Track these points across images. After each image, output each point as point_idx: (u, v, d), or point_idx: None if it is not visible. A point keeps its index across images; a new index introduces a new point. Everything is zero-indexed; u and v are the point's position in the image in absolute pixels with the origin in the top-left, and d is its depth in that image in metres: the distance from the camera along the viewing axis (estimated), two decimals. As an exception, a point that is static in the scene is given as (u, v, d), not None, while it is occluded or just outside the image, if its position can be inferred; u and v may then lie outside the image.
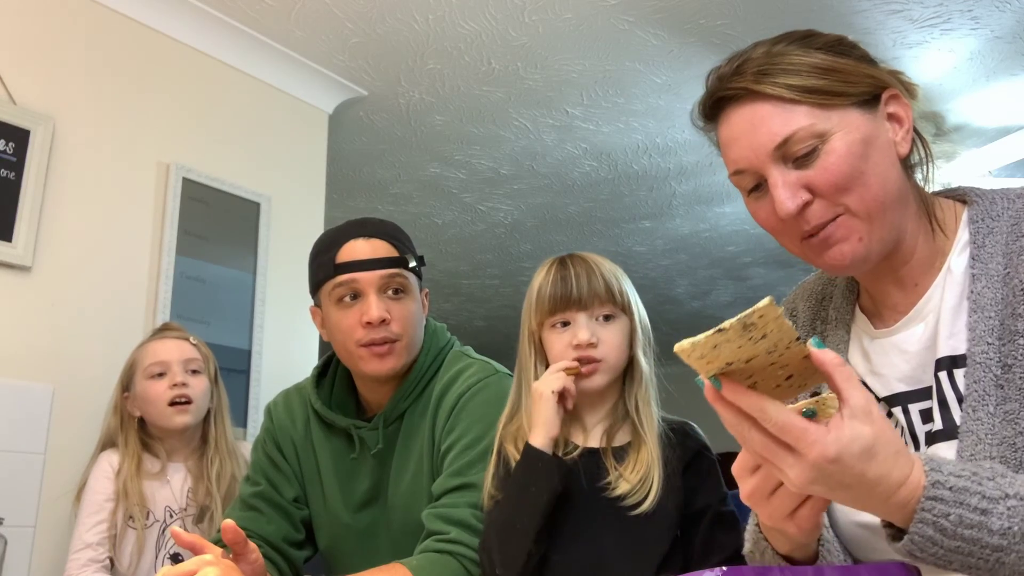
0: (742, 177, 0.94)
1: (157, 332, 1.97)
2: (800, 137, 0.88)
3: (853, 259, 0.90)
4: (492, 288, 5.35)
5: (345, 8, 2.50)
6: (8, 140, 2.01)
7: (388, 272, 1.42)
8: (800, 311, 1.08)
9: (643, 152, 3.51)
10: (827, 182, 0.87)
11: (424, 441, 1.43)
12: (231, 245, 2.48)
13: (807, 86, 0.89)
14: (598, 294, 1.28)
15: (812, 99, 0.88)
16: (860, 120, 0.89)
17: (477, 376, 1.43)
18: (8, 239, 1.98)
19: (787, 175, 0.89)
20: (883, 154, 0.89)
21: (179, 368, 1.85)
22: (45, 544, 1.94)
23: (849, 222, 0.88)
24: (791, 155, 0.89)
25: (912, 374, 0.92)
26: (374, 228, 1.47)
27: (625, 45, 2.73)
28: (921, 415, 0.90)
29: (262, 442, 1.56)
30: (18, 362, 1.98)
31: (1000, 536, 0.69)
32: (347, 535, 1.49)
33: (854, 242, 0.89)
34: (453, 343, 1.55)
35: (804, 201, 0.88)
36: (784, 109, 0.89)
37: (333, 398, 1.53)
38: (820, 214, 0.89)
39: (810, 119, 0.88)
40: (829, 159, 0.87)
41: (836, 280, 1.07)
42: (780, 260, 4.90)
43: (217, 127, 2.53)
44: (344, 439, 1.50)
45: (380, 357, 1.42)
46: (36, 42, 2.14)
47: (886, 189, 0.89)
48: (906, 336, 0.93)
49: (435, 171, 3.63)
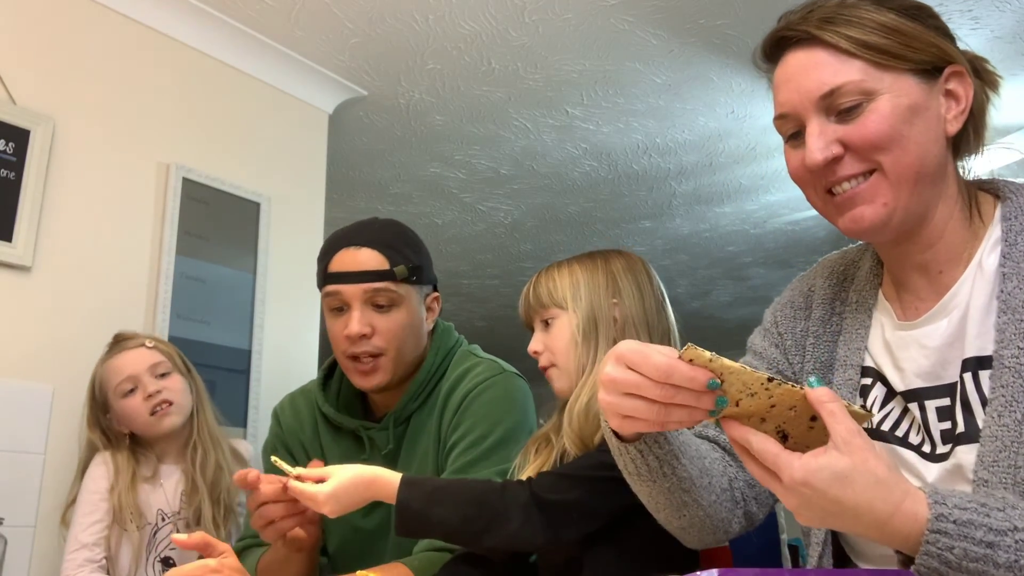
0: (784, 122, 0.93)
1: (113, 346, 1.89)
2: (847, 90, 0.87)
3: (872, 223, 0.89)
4: (492, 288, 5.35)
5: (345, 8, 2.50)
6: (8, 140, 2.01)
7: (373, 286, 1.41)
8: (819, 288, 1.06)
9: (643, 152, 3.51)
10: (863, 139, 0.87)
11: (431, 439, 1.43)
12: (231, 245, 2.48)
13: (867, 41, 0.88)
14: (531, 305, 1.34)
15: (869, 55, 0.87)
16: (913, 87, 0.88)
17: (484, 375, 1.43)
18: (8, 239, 1.98)
19: (825, 126, 0.89)
20: (929, 126, 0.88)
21: (147, 378, 1.80)
22: (45, 544, 1.93)
23: (878, 182, 0.88)
24: (835, 107, 0.88)
25: (931, 370, 0.90)
26: (369, 236, 1.45)
27: (625, 45, 2.73)
28: (938, 412, 0.89)
29: (271, 447, 1.55)
30: (18, 362, 1.98)
31: (1006, 570, 0.68)
32: (355, 538, 1.48)
33: (878, 205, 0.88)
34: (461, 342, 1.55)
35: (834, 154, 0.88)
36: (839, 60, 0.88)
37: (340, 400, 1.53)
38: (849, 167, 0.88)
39: (862, 75, 0.87)
40: (870, 117, 0.87)
41: (860, 261, 1.05)
42: (780, 260, 4.90)
43: (217, 127, 2.53)
44: (352, 441, 1.50)
45: (364, 374, 1.43)
46: (36, 42, 2.14)
47: (923, 160, 0.87)
48: (929, 331, 0.91)
49: (435, 171, 3.63)
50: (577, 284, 1.30)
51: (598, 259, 1.34)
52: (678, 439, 0.95)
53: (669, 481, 0.94)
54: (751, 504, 1.03)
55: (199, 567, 1.10)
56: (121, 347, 1.86)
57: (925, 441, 0.89)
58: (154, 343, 1.87)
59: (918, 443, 0.90)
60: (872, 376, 0.96)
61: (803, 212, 4.08)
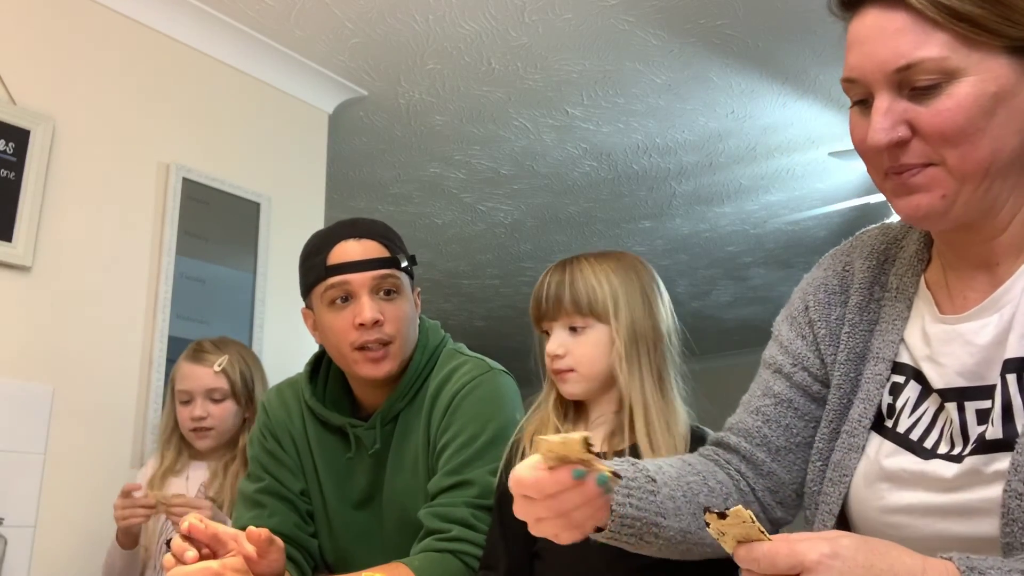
0: (852, 86, 0.83)
1: (191, 352, 1.97)
2: (926, 68, 0.77)
3: (928, 213, 0.81)
4: (492, 288, 5.35)
5: (345, 8, 2.50)
6: (8, 140, 2.01)
7: (380, 273, 1.41)
8: (857, 270, 0.97)
9: (643, 152, 3.51)
10: (934, 128, 0.77)
11: (419, 440, 1.42)
12: (231, 245, 2.48)
13: (959, 10, 0.76)
14: (564, 306, 1.28)
15: (958, 27, 0.76)
16: (1005, 69, 0.77)
17: (471, 374, 1.43)
18: (8, 239, 1.98)
19: (895, 104, 0.79)
20: (1014, 115, 0.78)
21: (200, 398, 1.90)
22: (45, 544, 1.94)
23: (938, 175, 0.79)
24: (909, 83, 0.78)
25: (975, 369, 0.82)
26: (365, 228, 1.46)
27: (625, 45, 2.73)
28: (978, 415, 0.82)
29: (259, 437, 1.53)
30: (18, 362, 1.98)
31: None
32: (344, 533, 1.48)
33: (935, 197, 0.79)
34: (446, 341, 1.54)
35: (900, 137, 0.79)
36: (922, 29, 0.77)
37: (327, 395, 1.52)
38: (913, 155, 0.79)
39: (946, 51, 0.76)
40: (947, 103, 0.77)
41: (903, 241, 0.96)
42: (780, 260, 4.90)
43: (217, 127, 2.53)
44: (339, 437, 1.49)
45: (375, 362, 1.40)
46: (36, 42, 2.14)
47: (996, 155, 0.78)
48: (975, 327, 0.83)
49: (435, 171, 3.63)
50: (616, 296, 1.28)
51: (630, 271, 1.32)
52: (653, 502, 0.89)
53: (661, 541, 0.91)
54: (775, 511, 1.01)
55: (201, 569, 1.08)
56: (196, 357, 1.94)
57: (956, 446, 0.83)
58: (221, 367, 1.93)
59: (947, 451, 0.83)
60: (906, 373, 0.90)
61: (803, 212, 4.08)
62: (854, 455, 0.91)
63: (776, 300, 5.63)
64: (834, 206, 3.81)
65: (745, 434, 1.00)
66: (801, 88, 3.01)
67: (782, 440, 0.98)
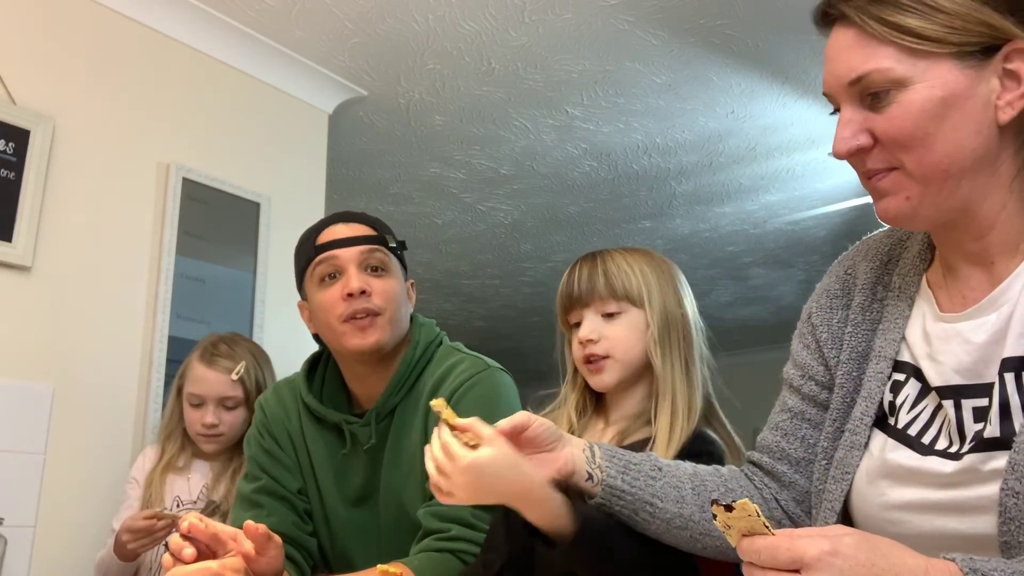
0: (828, 97, 0.89)
1: (208, 352, 1.92)
2: (874, 80, 0.82)
3: (897, 215, 0.85)
4: (492, 288, 5.35)
5: (345, 8, 2.50)
6: (8, 140, 2.01)
7: (367, 248, 1.45)
8: (860, 272, 1.00)
9: (643, 152, 3.51)
10: (888, 134, 0.82)
11: (417, 437, 1.42)
12: (231, 245, 2.48)
13: (901, 24, 0.80)
14: (598, 290, 1.28)
15: (903, 40, 0.80)
16: (952, 75, 0.80)
17: (469, 371, 1.43)
18: (8, 239, 1.98)
19: (855, 114, 0.84)
20: (968, 117, 0.81)
21: (213, 405, 1.87)
22: (45, 544, 1.94)
23: (900, 179, 0.83)
24: (865, 93, 0.83)
25: (973, 367, 0.84)
26: (353, 215, 1.52)
27: (625, 45, 2.73)
28: (974, 413, 0.83)
29: (256, 437, 1.53)
30: (18, 362, 1.98)
31: None
32: (343, 531, 1.48)
33: (900, 199, 0.84)
34: (442, 338, 1.55)
35: (861, 145, 0.84)
36: (869, 44, 0.82)
37: (324, 392, 1.52)
38: (877, 161, 0.84)
39: (892, 62, 0.81)
40: (897, 111, 0.81)
41: (907, 242, 0.98)
42: (780, 260, 4.90)
43: (217, 127, 2.53)
44: (336, 434, 1.49)
45: (362, 331, 1.41)
46: (36, 42, 2.14)
47: (953, 156, 0.81)
48: (973, 325, 0.85)
49: (435, 171, 3.63)
50: (649, 284, 1.30)
51: (660, 262, 1.34)
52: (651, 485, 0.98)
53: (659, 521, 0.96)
54: (803, 520, 1.01)
55: (200, 569, 1.08)
56: (211, 361, 1.90)
57: (954, 443, 0.84)
58: (238, 375, 1.89)
59: (944, 447, 0.85)
60: (906, 371, 0.91)
61: (803, 212, 4.08)
62: (856, 453, 0.92)
63: (776, 300, 5.63)
64: (834, 206, 3.80)
65: (767, 450, 1.05)
66: (801, 88, 3.00)
67: (800, 452, 1.02)
